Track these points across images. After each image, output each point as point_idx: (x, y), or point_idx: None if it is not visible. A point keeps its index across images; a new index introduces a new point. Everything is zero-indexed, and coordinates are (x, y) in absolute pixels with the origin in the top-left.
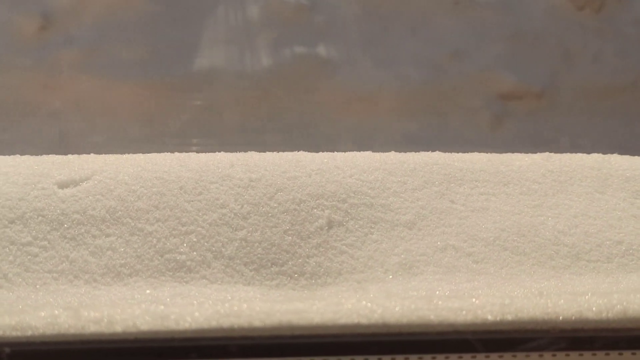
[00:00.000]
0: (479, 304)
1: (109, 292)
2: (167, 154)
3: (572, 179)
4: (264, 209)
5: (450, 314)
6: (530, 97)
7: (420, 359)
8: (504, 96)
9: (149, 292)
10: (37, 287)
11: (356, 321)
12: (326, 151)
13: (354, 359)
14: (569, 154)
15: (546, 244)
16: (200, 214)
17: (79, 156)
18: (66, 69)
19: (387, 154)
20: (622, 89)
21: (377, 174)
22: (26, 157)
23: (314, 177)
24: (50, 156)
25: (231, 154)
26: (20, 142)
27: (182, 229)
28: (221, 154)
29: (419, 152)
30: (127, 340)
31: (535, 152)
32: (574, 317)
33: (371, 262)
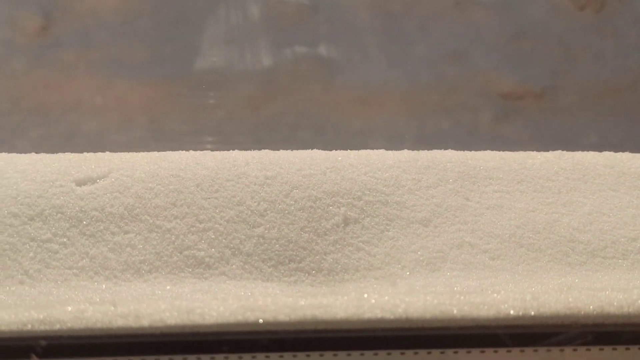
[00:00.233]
0: (501, 299)
1: (129, 288)
2: (182, 152)
3: (585, 177)
4: (280, 206)
5: (472, 308)
6: (530, 97)
7: (442, 353)
8: (504, 96)
9: (169, 288)
10: (59, 283)
11: (380, 316)
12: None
13: (377, 354)
14: (581, 152)
15: (561, 241)
16: (217, 211)
17: (95, 154)
18: (67, 68)
19: (400, 152)
20: (623, 88)
21: (391, 171)
22: (42, 155)
23: (329, 174)
24: (66, 154)
25: (246, 152)
26: (23, 141)
27: (200, 226)
28: (236, 152)
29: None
30: (153, 334)
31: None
32: (595, 312)
33: (388, 259)
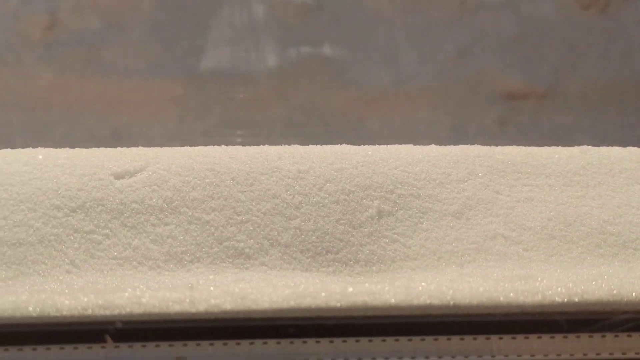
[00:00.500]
0: (545, 286)
1: (173, 278)
2: (214, 146)
3: (612, 171)
4: (315, 199)
5: (518, 295)
6: (535, 96)
7: (488, 339)
8: (509, 95)
9: (212, 277)
10: (105, 272)
11: (428, 302)
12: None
13: (424, 339)
14: (605, 147)
15: (593, 233)
16: (254, 204)
17: (129, 149)
18: (73, 68)
19: (428, 147)
20: (627, 88)
21: (421, 165)
22: (77, 150)
23: (360, 168)
24: (101, 149)
25: (277, 147)
26: (27, 141)
27: (238, 218)
28: (267, 146)
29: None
30: (206, 320)
31: None
32: (638, 299)
33: (423, 250)
